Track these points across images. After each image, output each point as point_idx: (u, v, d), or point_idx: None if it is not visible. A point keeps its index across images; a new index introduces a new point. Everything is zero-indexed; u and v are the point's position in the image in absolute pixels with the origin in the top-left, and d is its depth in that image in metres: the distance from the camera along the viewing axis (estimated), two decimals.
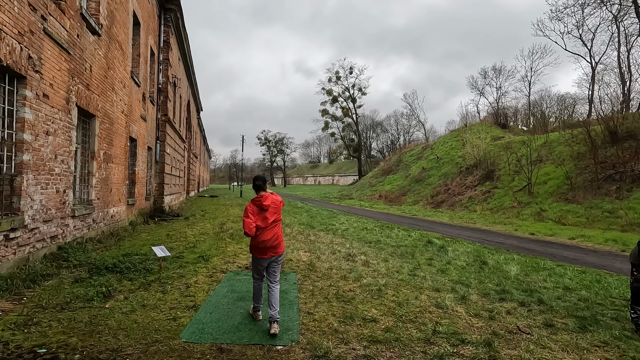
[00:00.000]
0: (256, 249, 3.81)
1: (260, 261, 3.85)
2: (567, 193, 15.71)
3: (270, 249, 3.80)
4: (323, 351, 3.21)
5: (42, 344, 3.14)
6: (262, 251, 3.79)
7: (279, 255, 3.90)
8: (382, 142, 71.89)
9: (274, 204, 3.83)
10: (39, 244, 5.64)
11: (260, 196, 3.81)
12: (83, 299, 4.30)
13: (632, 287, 4.18)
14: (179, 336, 3.43)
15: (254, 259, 3.92)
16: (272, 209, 3.82)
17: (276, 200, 3.89)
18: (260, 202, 3.76)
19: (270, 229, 3.78)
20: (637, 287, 4.11)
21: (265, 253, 3.80)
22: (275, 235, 3.82)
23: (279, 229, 3.90)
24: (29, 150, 5.21)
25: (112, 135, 9.07)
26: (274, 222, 3.81)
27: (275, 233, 3.82)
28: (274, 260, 3.89)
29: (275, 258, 3.88)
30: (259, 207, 3.77)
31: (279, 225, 3.89)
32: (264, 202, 3.76)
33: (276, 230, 3.84)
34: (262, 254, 3.80)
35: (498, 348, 3.50)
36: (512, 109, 40.74)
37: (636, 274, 4.15)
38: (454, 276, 6.17)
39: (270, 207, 3.80)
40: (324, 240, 9.53)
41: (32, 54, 5.19)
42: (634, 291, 4.15)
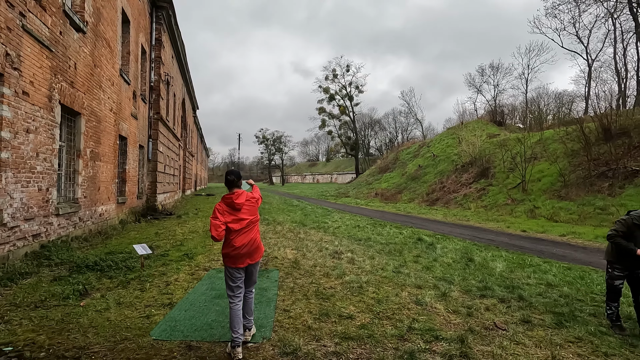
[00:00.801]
0: (229, 257, 3.22)
1: (236, 272, 3.26)
2: (561, 190, 15.71)
3: (246, 255, 3.24)
4: (292, 348, 3.19)
5: (9, 342, 3.12)
6: (237, 259, 3.22)
7: (255, 263, 3.36)
8: (380, 140, 71.90)
9: (249, 202, 3.32)
10: (19, 242, 5.61)
11: (232, 193, 3.27)
12: (59, 297, 4.28)
13: (607, 283, 4.19)
14: (149, 334, 3.41)
15: (227, 270, 3.27)
16: (247, 207, 3.29)
17: (252, 197, 3.40)
18: (232, 200, 3.22)
19: (246, 232, 3.23)
20: (612, 284, 4.11)
21: (241, 261, 3.23)
22: (253, 240, 3.28)
23: (257, 231, 3.39)
24: (7, 148, 5.18)
25: (100, 133, 9.03)
26: (250, 223, 3.29)
27: (252, 237, 3.28)
28: (251, 269, 3.38)
29: (252, 266, 3.36)
30: (230, 206, 3.22)
31: (256, 227, 3.39)
32: (237, 199, 3.22)
33: (254, 233, 3.32)
34: (236, 262, 3.22)
35: (472, 344, 3.49)
36: (509, 107, 40.78)
37: (611, 271, 4.17)
38: (438, 273, 6.16)
39: (245, 206, 3.27)
40: (313, 238, 9.51)
41: (9, 51, 5.15)
42: (609, 288, 4.15)
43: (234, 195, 3.26)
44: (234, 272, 3.25)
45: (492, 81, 53.74)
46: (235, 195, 3.26)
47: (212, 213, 3.21)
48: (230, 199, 3.24)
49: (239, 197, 3.25)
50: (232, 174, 3.38)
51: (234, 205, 3.23)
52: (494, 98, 45.60)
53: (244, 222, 3.23)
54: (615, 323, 3.99)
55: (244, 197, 3.29)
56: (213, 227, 3.10)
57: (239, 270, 3.26)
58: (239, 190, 3.32)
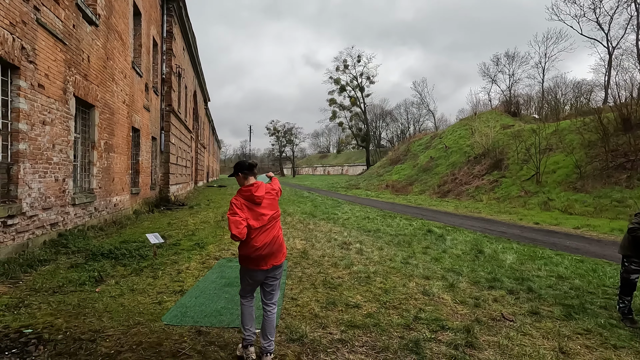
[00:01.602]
0: (249, 259, 2.78)
1: (256, 274, 2.83)
2: (576, 182, 15.35)
3: (269, 256, 2.79)
4: (299, 335, 3.26)
5: (29, 325, 3.27)
6: (260, 261, 2.77)
7: (279, 264, 2.90)
8: (391, 131, 71.21)
9: (269, 195, 2.87)
10: (38, 230, 5.82)
11: (251, 185, 2.82)
12: (75, 283, 4.44)
13: (623, 277, 4.11)
14: (161, 319, 3.53)
15: (244, 271, 2.89)
16: (268, 200, 2.84)
17: (272, 189, 2.95)
18: (251, 193, 2.77)
19: (268, 230, 2.79)
20: (627, 278, 4.04)
21: (263, 263, 2.79)
22: (275, 237, 2.83)
23: (279, 227, 2.93)
24: (25, 139, 5.34)
25: (113, 125, 9.21)
26: (271, 219, 2.83)
27: (275, 234, 2.83)
28: (274, 272, 2.88)
29: (276, 268, 2.88)
30: (249, 200, 2.77)
31: (278, 223, 2.93)
32: (256, 192, 2.78)
33: (276, 230, 2.86)
34: (258, 264, 2.78)
35: (478, 334, 3.49)
36: (525, 97, 39.77)
37: (627, 265, 4.09)
38: (447, 264, 6.15)
39: (265, 199, 2.82)
40: (322, 229, 9.57)
41: (25, 45, 5.27)
42: (624, 281, 4.07)
43: (253, 187, 2.80)
44: (254, 274, 2.83)
45: (507, 70, 52.23)
46: (255, 187, 2.80)
47: (229, 208, 2.73)
48: (249, 191, 2.78)
49: (259, 189, 2.80)
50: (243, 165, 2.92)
51: (254, 199, 2.77)
52: (509, 88, 44.48)
53: (265, 217, 2.78)
54: (627, 316, 3.94)
55: (263, 189, 2.84)
56: (233, 225, 2.60)
57: (261, 273, 2.83)
58: (257, 182, 2.87)
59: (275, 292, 2.95)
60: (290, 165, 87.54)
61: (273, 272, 2.88)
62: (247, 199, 2.78)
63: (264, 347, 2.82)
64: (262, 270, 2.81)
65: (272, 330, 2.85)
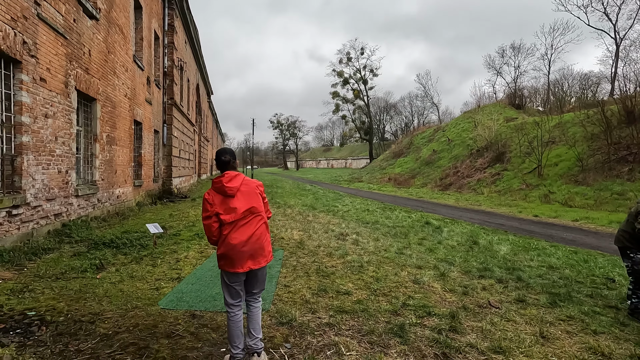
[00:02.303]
0: (223, 258, 2.52)
1: (233, 277, 2.55)
2: (578, 175, 15.31)
3: (246, 257, 2.50)
4: (288, 319, 3.40)
5: (33, 308, 3.45)
6: (235, 261, 2.49)
7: (258, 268, 2.58)
8: (395, 124, 70.90)
9: (246, 187, 2.61)
10: (42, 220, 6.01)
11: (222, 175, 2.59)
12: (78, 270, 4.62)
13: (634, 270, 3.90)
14: (157, 303, 3.68)
15: (223, 274, 2.60)
16: (244, 193, 2.58)
17: (252, 182, 2.70)
18: (221, 184, 2.53)
19: (244, 226, 2.52)
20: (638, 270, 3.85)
21: (240, 264, 2.49)
22: (255, 235, 2.54)
23: (260, 226, 2.61)
24: (27, 132, 5.49)
25: (115, 118, 9.35)
26: (248, 213, 2.55)
27: (253, 231, 2.54)
28: (254, 275, 2.63)
29: (256, 272, 2.61)
30: (220, 192, 2.54)
31: (258, 221, 2.60)
32: (228, 182, 2.53)
33: (253, 227, 2.56)
34: (234, 265, 2.49)
35: (463, 320, 3.61)
36: (531, 89, 39.34)
37: (633, 256, 3.91)
38: (440, 255, 6.25)
39: (240, 191, 2.56)
40: (321, 220, 9.70)
41: (26, 39, 5.40)
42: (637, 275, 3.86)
43: (225, 177, 2.55)
44: (232, 277, 2.56)
45: (513, 62, 51.54)
46: (226, 177, 2.55)
47: (202, 206, 2.57)
48: (219, 182, 2.55)
49: (232, 180, 2.55)
50: (226, 153, 2.68)
51: (225, 190, 2.52)
52: (514, 80, 44.03)
53: (237, 211, 2.51)
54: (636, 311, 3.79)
55: (238, 180, 2.57)
56: (207, 230, 2.54)
57: (238, 275, 2.55)
58: (231, 172, 2.60)
59: (258, 287, 2.70)
60: (293, 159, 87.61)
61: (252, 274, 2.61)
62: (218, 191, 2.56)
63: (250, 345, 2.60)
64: (239, 274, 2.53)
65: (258, 327, 2.63)
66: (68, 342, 2.84)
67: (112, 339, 2.91)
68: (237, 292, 2.61)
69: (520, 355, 2.94)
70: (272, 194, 18.08)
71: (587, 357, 2.96)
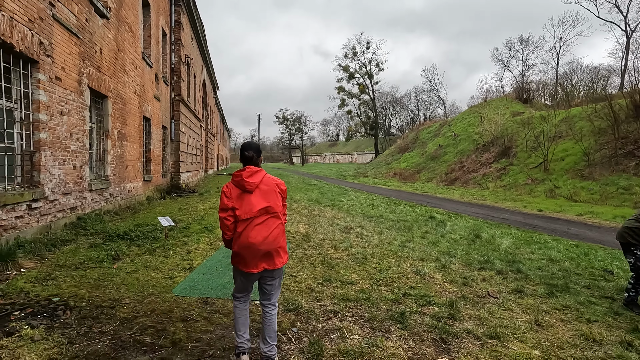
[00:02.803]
0: (237, 257, 2.45)
1: (245, 276, 2.48)
2: (584, 170, 15.27)
3: (260, 258, 2.40)
4: (295, 306, 3.60)
5: (57, 294, 3.69)
6: (248, 260, 2.40)
7: (277, 269, 2.49)
8: (401, 119, 70.64)
9: (265, 185, 2.49)
10: (59, 214, 6.27)
11: (243, 169, 2.48)
12: (95, 260, 4.87)
13: (637, 267, 3.91)
14: (171, 291, 3.91)
15: (234, 270, 2.55)
16: (263, 190, 2.47)
17: (273, 180, 2.58)
18: (242, 179, 2.43)
19: (260, 226, 2.40)
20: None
21: (253, 264, 2.40)
22: (271, 235, 2.42)
23: (277, 227, 2.48)
24: (45, 129, 5.73)
25: (126, 115, 9.60)
26: (264, 212, 2.43)
27: (269, 231, 2.42)
28: (268, 275, 2.51)
29: (269, 272, 2.49)
30: (239, 186, 2.46)
31: (275, 221, 2.48)
32: (248, 177, 2.44)
33: (271, 226, 2.44)
34: (247, 265, 2.40)
35: (461, 309, 3.77)
36: (540, 83, 38.89)
37: (637, 252, 3.92)
38: (443, 248, 6.40)
39: (259, 189, 2.46)
40: (326, 214, 9.89)
41: (42, 40, 5.61)
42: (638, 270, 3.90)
43: (245, 171, 2.45)
44: (243, 275, 2.48)
45: (521, 56, 51.02)
46: (247, 172, 2.45)
47: (220, 200, 2.51)
48: (239, 175, 2.45)
49: (253, 176, 2.45)
50: (251, 148, 2.57)
51: (244, 185, 2.43)
52: (522, 74, 43.57)
53: (253, 208, 2.40)
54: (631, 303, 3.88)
55: (259, 176, 2.48)
56: (222, 224, 2.46)
57: (251, 275, 2.46)
58: (252, 167, 2.50)
59: (274, 293, 2.59)
60: (299, 154, 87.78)
61: (266, 275, 2.51)
62: (237, 185, 2.47)
63: (264, 352, 2.51)
64: (252, 274, 2.44)
65: (273, 334, 2.53)
66: (92, 324, 3.07)
67: (131, 322, 3.14)
68: (245, 288, 2.56)
69: (515, 341, 3.10)
70: None
71: (579, 342, 3.11)
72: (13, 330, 2.87)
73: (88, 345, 2.74)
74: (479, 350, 2.92)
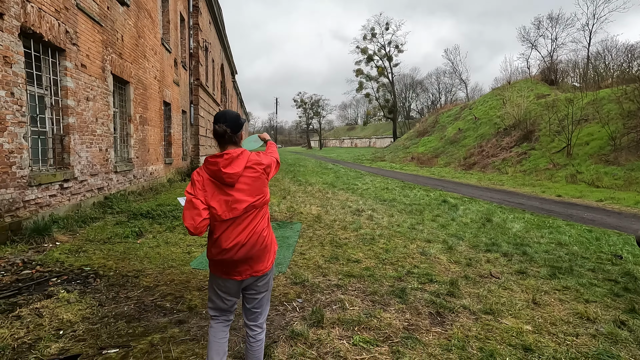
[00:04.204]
0: (215, 263, 1.91)
1: (222, 284, 1.93)
2: (609, 154, 14.72)
3: (245, 263, 1.87)
4: (301, 280, 3.85)
5: (87, 264, 4.09)
6: (229, 268, 1.87)
7: (262, 275, 1.95)
8: (421, 102, 69.10)
9: (251, 172, 1.86)
10: (88, 193, 6.75)
11: (220, 155, 1.81)
12: (121, 236, 5.28)
13: None
14: (189, 264, 4.24)
15: (212, 279, 1.99)
16: (248, 180, 1.85)
17: (257, 163, 1.89)
18: (218, 169, 1.79)
19: (243, 225, 1.84)
20: None
21: (236, 272, 1.88)
22: (256, 236, 1.87)
23: (261, 220, 1.91)
24: (73, 114, 6.12)
25: (147, 100, 9.97)
26: (251, 208, 1.85)
27: (253, 231, 1.86)
28: (255, 283, 1.96)
29: (256, 280, 1.95)
30: (215, 177, 1.81)
31: (260, 214, 1.91)
32: (226, 167, 1.79)
33: (256, 225, 1.88)
34: (229, 272, 1.88)
35: (461, 287, 3.93)
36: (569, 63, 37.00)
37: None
38: (452, 231, 6.50)
39: (244, 178, 1.84)
40: (340, 198, 10.09)
41: (68, 29, 5.93)
42: None
43: (223, 158, 1.80)
44: (220, 284, 1.93)
45: (550, 34, 48.46)
46: (226, 158, 1.80)
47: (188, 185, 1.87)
48: (215, 164, 1.80)
49: (233, 163, 1.80)
50: (225, 120, 1.88)
51: (222, 177, 1.79)
52: (550, 54, 41.51)
53: (239, 206, 1.81)
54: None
55: (242, 162, 1.82)
56: (187, 212, 1.76)
57: (230, 283, 1.91)
58: (234, 150, 1.84)
59: (261, 310, 2.03)
60: (317, 138, 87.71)
61: (253, 284, 1.95)
62: (213, 175, 1.81)
63: None
64: (235, 281, 1.90)
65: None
66: (119, 290, 3.43)
67: (153, 290, 3.48)
68: (225, 306, 1.98)
69: (509, 317, 3.25)
70: (295, 172, 18.59)
71: (572, 320, 3.22)
72: (52, 294, 3.25)
73: (116, 307, 3.09)
74: (472, 323, 3.09)
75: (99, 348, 2.47)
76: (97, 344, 2.54)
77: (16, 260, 4.04)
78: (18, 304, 3.00)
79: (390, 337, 2.80)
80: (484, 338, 2.82)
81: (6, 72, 4.47)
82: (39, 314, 2.86)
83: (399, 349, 2.62)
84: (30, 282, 3.50)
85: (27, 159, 4.92)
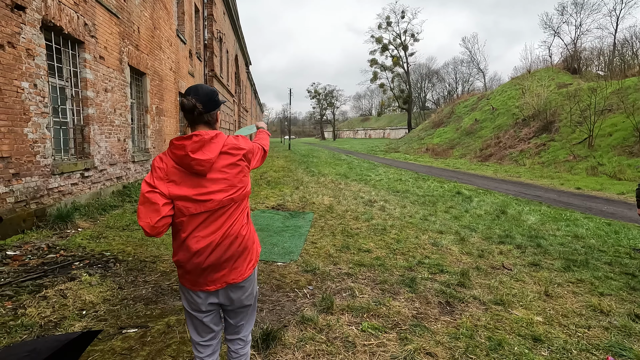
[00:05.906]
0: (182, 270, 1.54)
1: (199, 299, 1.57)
2: (633, 146, 14.19)
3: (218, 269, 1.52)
4: (312, 267, 3.92)
5: (108, 250, 4.26)
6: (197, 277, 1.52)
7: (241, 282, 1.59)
8: (437, 92, 67.72)
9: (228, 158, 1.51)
10: (107, 182, 6.97)
11: (188, 137, 1.46)
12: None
13: None
14: None
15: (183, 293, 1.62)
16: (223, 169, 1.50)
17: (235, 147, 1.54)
18: (185, 154, 1.43)
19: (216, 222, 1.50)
20: None
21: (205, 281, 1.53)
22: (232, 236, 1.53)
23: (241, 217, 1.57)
24: (92, 105, 6.30)
25: (163, 91, 10.14)
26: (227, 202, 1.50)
27: (228, 231, 1.51)
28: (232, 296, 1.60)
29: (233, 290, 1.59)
30: (182, 164, 1.46)
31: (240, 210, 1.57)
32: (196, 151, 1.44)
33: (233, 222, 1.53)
34: (196, 282, 1.53)
35: (472, 278, 3.92)
36: (593, 50, 35.48)
37: None
38: (465, 222, 6.45)
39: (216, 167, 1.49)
40: (352, 188, 10.10)
41: (87, 21, 6.07)
42: None
43: (192, 140, 1.45)
44: (195, 299, 1.57)
45: (574, 21, 46.44)
46: (195, 141, 1.45)
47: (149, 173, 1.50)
48: (182, 147, 1.45)
49: (205, 147, 1.46)
50: (197, 92, 1.52)
51: (190, 164, 1.45)
52: (574, 41, 39.85)
53: (211, 199, 1.47)
54: None
55: (216, 146, 1.49)
56: (142, 208, 1.41)
57: (207, 295, 1.57)
58: (206, 132, 1.49)
59: (244, 323, 1.73)
60: (331, 129, 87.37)
61: (229, 295, 1.59)
62: (179, 162, 1.46)
63: None
64: (206, 293, 1.56)
65: None
66: (137, 275, 3.57)
67: (169, 275, 3.61)
68: (204, 325, 1.62)
69: (520, 308, 3.24)
70: (308, 163, 18.65)
71: (585, 312, 3.19)
72: (75, 277, 3.42)
73: (134, 290, 3.23)
74: (482, 313, 3.10)
75: (119, 328, 2.60)
76: (117, 323, 2.67)
77: (41, 244, 4.25)
78: (44, 286, 3.17)
79: (399, 324, 2.84)
80: (493, 328, 2.83)
81: (29, 65, 4.64)
82: (63, 295, 3.02)
83: (407, 335, 2.66)
84: (55, 265, 3.69)
85: (50, 149, 5.11)
